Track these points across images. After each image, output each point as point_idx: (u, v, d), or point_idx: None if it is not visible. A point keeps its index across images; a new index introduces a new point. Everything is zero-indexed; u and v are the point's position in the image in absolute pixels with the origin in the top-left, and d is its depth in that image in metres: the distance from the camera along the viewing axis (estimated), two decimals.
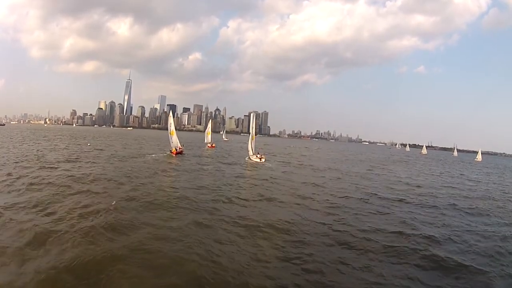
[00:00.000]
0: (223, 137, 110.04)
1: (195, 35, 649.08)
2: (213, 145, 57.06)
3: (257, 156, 33.99)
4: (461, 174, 42.23)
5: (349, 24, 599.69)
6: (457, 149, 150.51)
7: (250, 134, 36.24)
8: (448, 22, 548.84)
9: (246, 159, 35.28)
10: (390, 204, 17.18)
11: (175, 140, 35.16)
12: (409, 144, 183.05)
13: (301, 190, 19.56)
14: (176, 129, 37.11)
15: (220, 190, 17.73)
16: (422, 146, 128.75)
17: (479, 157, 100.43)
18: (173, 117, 38.93)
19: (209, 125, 62.34)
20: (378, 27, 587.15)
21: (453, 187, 26.90)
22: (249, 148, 35.14)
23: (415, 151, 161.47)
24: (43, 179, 17.58)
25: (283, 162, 38.29)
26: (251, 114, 43.70)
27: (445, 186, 26.97)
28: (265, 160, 33.85)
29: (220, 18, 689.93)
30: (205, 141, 58.94)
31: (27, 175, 18.30)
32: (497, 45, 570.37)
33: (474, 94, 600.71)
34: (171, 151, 35.08)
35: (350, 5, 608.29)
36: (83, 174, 19.79)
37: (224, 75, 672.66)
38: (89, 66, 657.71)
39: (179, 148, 35.45)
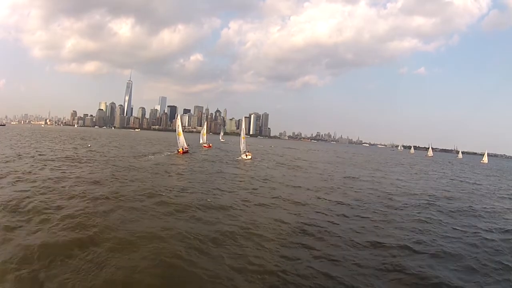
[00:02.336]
0: (220, 138, 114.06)
1: (196, 36, 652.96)
2: (210, 145, 59.59)
3: (245, 155, 38.19)
4: None
5: (349, 26, 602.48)
6: (457, 150, 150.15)
7: (241, 135, 39.74)
8: (448, 23, 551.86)
9: (238, 158, 38.54)
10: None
11: (182, 141, 38.12)
12: (413, 147, 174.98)
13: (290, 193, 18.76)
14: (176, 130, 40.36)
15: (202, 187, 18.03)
16: (428, 148, 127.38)
17: (485, 159, 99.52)
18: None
19: (205, 126, 66.58)
20: (379, 28, 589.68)
21: None
22: (241, 148, 38.99)
23: (418, 153, 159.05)
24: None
25: (274, 164, 37.48)
26: (244, 117, 46.68)
27: None
28: (251, 157, 38.03)
29: (221, 19, 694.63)
30: (200, 141, 61.10)
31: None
32: (498, 46, 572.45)
33: (474, 95, 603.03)
34: (178, 150, 37.91)
35: (351, 7, 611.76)
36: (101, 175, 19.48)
37: (225, 76, 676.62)
38: (90, 66, 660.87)
39: (185, 148, 38.48)
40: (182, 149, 37.75)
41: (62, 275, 6.89)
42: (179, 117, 43.65)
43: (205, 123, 70.96)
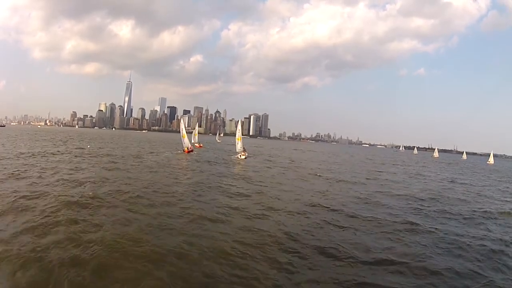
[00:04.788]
0: (217, 139, 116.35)
1: (197, 38, 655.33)
2: (201, 145, 61.71)
3: (240, 154, 40.50)
4: None
5: (349, 27, 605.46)
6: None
7: (237, 136, 42.79)
8: (447, 24, 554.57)
9: (233, 157, 41.12)
10: None
11: (186, 141, 43.36)
12: (417, 147, 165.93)
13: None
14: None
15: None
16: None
17: (491, 160, 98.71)
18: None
19: (196, 127, 72.82)
20: (378, 30, 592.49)
21: None
22: (237, 148, 41.89)
23: (421, 154, 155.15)
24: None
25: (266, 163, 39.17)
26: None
27: None
28: (245, 156, 40.34)
29: (221, 20, 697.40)
30: (192, 141, 62.34)
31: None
32: (497, 47, 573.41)
33: (474, 96, 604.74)
34: (183, 150, 43.25)
35: (350, 8, 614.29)
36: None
37: (225, 77, 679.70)
38: (90, 67, 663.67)
39: (190, 148, 43.75)
40: (187, 149, 42.95)
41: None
42: (182, 120, 49.73)
43: (197, 124, 75.73)
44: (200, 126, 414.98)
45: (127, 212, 11.69)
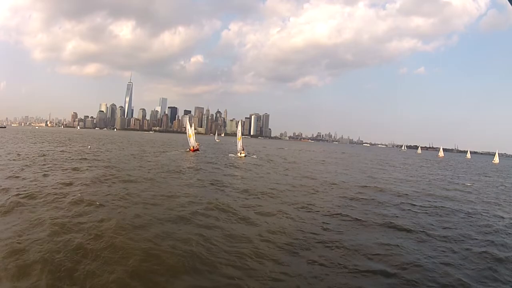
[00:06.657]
0: (216, 139, 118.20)
1: (197, 38, 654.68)
2: (197, 143, 61.42)
3: (240, 153, 43.45)
4: None
5: (349, 27, 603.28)
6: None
7: (237, 136, 46.24)
8: (447, 23, 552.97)
9: (233, 155, 44.69)
10: None
11: (192, 141, 47.86)
12: (421, 147, 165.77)
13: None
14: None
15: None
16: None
17: (496, 159, 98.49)
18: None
19: (192, 127, 70.93)
20: (378, 29, 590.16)
21: None
22: (237, 148, 44.76)
23: (424, 153, 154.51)
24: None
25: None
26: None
27: None
28: (244, 155, 43.39)
29: (221, 21, 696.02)
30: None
31: None
32: (497, 46, 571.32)
33: (474, 94, 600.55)
34: (189, 149, 47.76)
35: (350, 8, 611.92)
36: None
37: (226, 77, 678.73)
38: (91, 68, 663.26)
39: (195, 147, 48.17)
40: (193, 148, 47.32)
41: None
42: (187, 121, 56.07)
43: (192, 124, 73.75)
44: (201, 126, 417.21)
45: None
